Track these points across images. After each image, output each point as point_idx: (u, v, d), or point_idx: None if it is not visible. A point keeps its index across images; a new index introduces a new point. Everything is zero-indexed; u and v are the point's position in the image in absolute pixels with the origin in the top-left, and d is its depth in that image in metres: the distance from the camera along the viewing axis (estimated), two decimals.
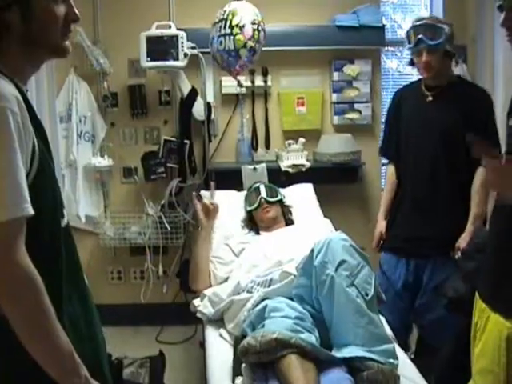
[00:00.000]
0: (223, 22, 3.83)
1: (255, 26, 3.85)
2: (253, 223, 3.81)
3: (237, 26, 3.80)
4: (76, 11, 1.63)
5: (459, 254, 3.20)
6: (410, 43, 3.37)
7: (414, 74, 5.26)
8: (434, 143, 3.38)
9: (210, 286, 3.42)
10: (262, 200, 3.74)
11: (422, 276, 3.42)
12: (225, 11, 3.87)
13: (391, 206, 3.69)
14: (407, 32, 3.41)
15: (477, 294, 2.25)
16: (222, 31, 3.83)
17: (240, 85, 4.19)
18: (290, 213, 3.87)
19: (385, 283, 3.50)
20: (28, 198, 1.37)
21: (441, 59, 3.32)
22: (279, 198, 3.82)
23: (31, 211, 1.37)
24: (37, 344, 1.40)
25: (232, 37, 3.80)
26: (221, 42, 3.83)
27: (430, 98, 3.44)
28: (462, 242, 3.24)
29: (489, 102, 3.38)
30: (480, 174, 3.25)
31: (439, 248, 3.33)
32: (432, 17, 3.43)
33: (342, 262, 2.56)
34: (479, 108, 3.32)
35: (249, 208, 3.81)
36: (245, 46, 3.82)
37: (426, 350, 3.32)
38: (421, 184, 3.45)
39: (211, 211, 3.76)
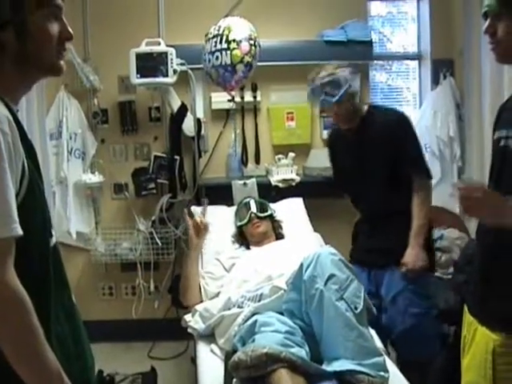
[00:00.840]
0: (218, 37, 3.86)
1: (252, 42, 3.89)
2: (243, 238, 3.82)
3: (234, 41, 3.83)
4: (69, 29, 1.63)
5: (404, 269, 3.28)
6: (313, 102, 3.58)
7: (403, 88, 5.33)
8: (370, 174, 3.48)
9: (201, 301, 3.42)
10: (252, 215, 3.76)
11: (381, 288, 3.45)
12: (220, 26, 3.90)
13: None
14: (309, 94, 3.55)
15: (465, 306, 2.26)
16: (218, 46, 3.85)
17: (233, 100, 4.22)
18: (281, 227, 3.88)
19: None
20: (17, 219, 1.36)
21: (348, 106, 3.41)
22: (269, 212, 3.83)
23: (20, 231, 1.36)
24: (25, 364, 1.39)
25: (229, 52, 3.83)
26: (217, 57, 3.86)
27: (353, 137, 3.53)
28: (407, 257, 3.29)
29: (402, 118, 3.49)
30: (416, 187, 3.37)
31: (394, 258, 3.35)
32: (324, 70, 3.46)
33: (331, 276, 2.57)
34: (397, 128, 3.41)
35: (239, 223, 3.82)
36: (242, 61, 3.86)
37: (406, 367, 3.33)
38: (371, 206, 3.56)
39: (201, 230, 3.75)
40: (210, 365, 2.88)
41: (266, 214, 3.80)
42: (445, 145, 4.84)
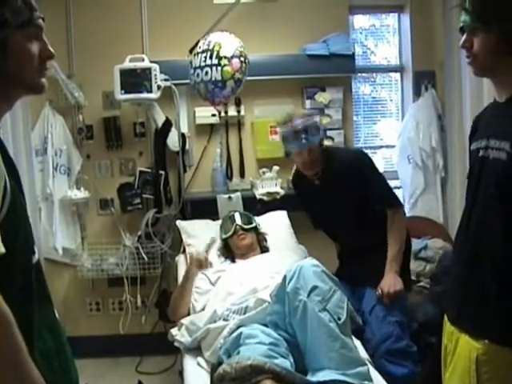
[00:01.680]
0: (208, 53, 3.91)
1: (242, 59, 3.96)
2: (228, 251, 3.84)
3: (225, 57, 3.88)
4: (50, 48, 1.64)
5: (379, 293, 3.39)
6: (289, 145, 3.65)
7: (386, 99, 5.37)
8: (339, 216, 3.64)
9: (188, 315, 3.44)
10: (238, 227, 3.78)
11: (362, 302, 3.51)
12: (210, 42, 3.93)
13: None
14: (286, 137, 3.66)
15: (445, 316, 2.28)
16: (208, 61, 3.91)
17: (219, 115, 4.27)
18: (265, 240, 3.90)
19: None
20: None
21: (320, 150, 3.60)
22: (254, 225, 3.85)
23: (2, 249, 1.35)
24: (8, 379, 1.34)
25: (220, 68, 3.89)
26: (206, 73, 3.91)
27: (317, 182, 3.67)
28: (383, 284, 3.40)
29: (361, 158, 3.62)
30: (389, 218, 3.53)
31: (373, 280, 3.45)
32: (299, 116, 3.67)
33: (314, 287, 2.60)
34: (358, 170, 3.52)
35: (224, 236, 3.84)
36: (232, 77, 3.92)
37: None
38: (347, 243, 3.82)
39: (204, 266, 3.77)
40: (197, 378, 2.90)
41: (250, 226, 3.82)
42: (427, 155, 4.89)
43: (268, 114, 4.82)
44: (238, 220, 3.82)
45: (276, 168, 4.56)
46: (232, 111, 4.73)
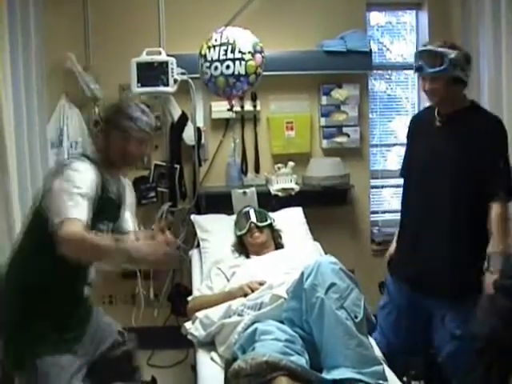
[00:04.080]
0: (228, 46, 3.90)
1: (263, 54, 3.97)
2: (243, 247, 3.84)
3: (249, 52, 3.88)
4: (134, 153, 2.83)
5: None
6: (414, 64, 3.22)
7: (402, 97, 5.35)
8: (439, 171, 3.21)
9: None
10: (252, 225, 3.78)
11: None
12: (227, 36, 3.93)
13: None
14: (414, 57, 3.25)
15: None
16: (230, 55, 3.89)
17: (231, 109, 4.24)
18: (280, 237, 3.90)
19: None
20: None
21: (445, 86, 3.11)
22: (269, 222, 3.85)
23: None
24: (106, 258, 2.67)
25: (244, 62, 3.88)
26: (228, 66, 3.90)
27: (439, 124, 3.26)
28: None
29: (501, 132, 3.17)
30: (496, 209, 3.04)
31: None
32: (439, 42, 3.13)
33: (332, 284, 2.58)
34: (489, 140, 3.11)
35: (239, 233, 3.85)
36: (255, 72, 3.92)
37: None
38: (428, 204, 3.29)
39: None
40: (210, 373, 2.88)
41: (265, 223, 3.82)
42: None
43: (284, 110, 4.81)
44: (253, 217, 3.81)
45: (291, 164, 4.55)
46: (248, 106, 4.73)
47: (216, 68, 3.94)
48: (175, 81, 4.32)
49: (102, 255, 2.56)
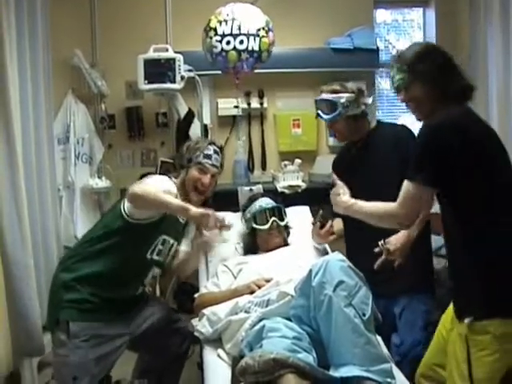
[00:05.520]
0: (241, 22, 3.83)
1: (273, 33, 3.95)
2: (254, 242, 3.78)
3: (263, 28, 3.85)
4: (201, 185, 3.38)
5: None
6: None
7: None
8: (379, 187, 3.23)
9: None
10: (274, 224, 3.72)
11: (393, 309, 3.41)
12: (238, 11, 3.88)
13: None
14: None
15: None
16: (244, 30, 3.82)
17: (237, 86, 4.11)
18: (289, 233, 3.88)
19: None
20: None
21: (346, 126, 3.44)
22: (286, 221, 3.81)
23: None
24: (165, 209, 3.07)
25: (258, 38, 3.84)
26: (241, 41, 3.83)
27: (355, 152, 3.55)
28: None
29: (409, 131, 3.40)
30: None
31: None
32: (334, 85, 3.47)
33: (340, 282, 2.57)
34: (404, 141, 3.30)
35: (257, 226, 3.73)
36: (267, 49, 3.89)
37: None
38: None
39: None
40: (217, 370, 2.88)
41: (285, 222, 3.79)
42: None
43: (291, 107, 4.83)
44: (276, 215, 3.76)
45: (298, 161, 4.55)
46: (255, 103, 4.73)
47: (228, 42, 3.83)
48: (182, 77, 4.33)
49: (162, 206, 3.03)
